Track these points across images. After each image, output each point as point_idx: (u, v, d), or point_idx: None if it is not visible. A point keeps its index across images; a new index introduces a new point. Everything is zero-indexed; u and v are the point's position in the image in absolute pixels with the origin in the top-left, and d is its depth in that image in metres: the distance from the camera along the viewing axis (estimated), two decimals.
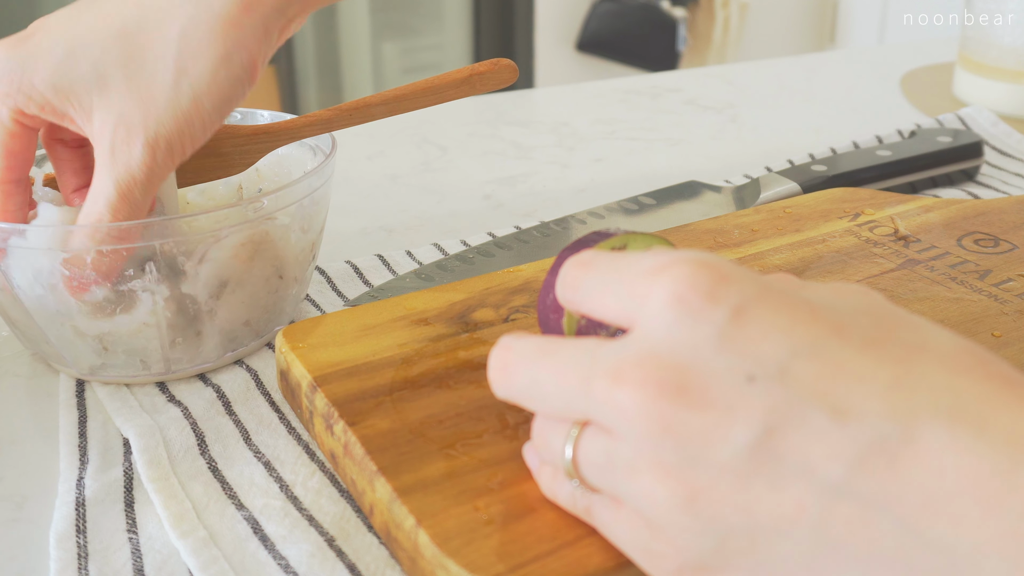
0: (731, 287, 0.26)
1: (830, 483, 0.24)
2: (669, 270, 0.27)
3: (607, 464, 0.28)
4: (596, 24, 2.80)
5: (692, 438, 0.25)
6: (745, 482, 0.25)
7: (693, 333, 0.26)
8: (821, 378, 0.25)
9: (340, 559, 0.35)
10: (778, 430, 0.25)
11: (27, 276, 0.42)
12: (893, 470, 0.24)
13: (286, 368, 0.42)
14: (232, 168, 0.49)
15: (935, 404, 0.24)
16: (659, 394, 0.25)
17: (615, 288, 0.28)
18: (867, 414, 0.24)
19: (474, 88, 0.48)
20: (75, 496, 0.39)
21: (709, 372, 0.25)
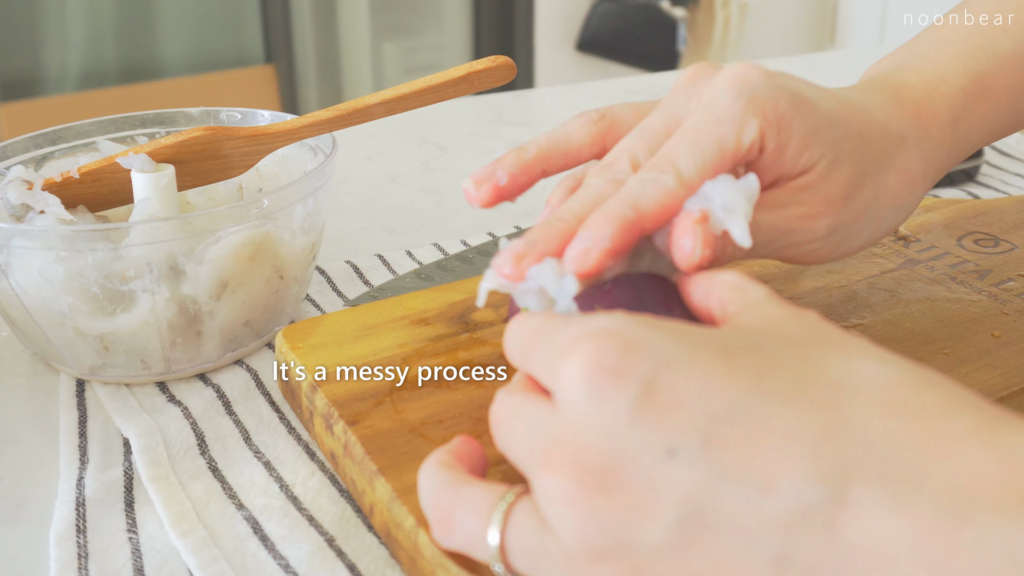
0: (637, 357, 0.25)
1: (770, 554, 0.23)
2: (576, 346, 0.26)
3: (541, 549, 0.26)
4: (596, 24, 2.80)
5: (617, 522, 0.24)
6: (685, 558, 0.24)
7: (604, 412, 0.25)
8: (744, 443, 0.24)
9: (340, 559, 0.35)
10: (707, 506, 0.24)
11: (28, 276, 0.43)
12: (832, 535, 0.23)
13: (286, 368, 0.42)
14: (232, 170, 0.49)
15: (867, 458, 0.23)
16: (581, 478, 0.25)
17: (546, 364, 0.28)
18: (795, 480, 0.23)
19: (472, 86, 0.48)
20: (75, 496, 0.39)
21: (626, 451, 0.24)
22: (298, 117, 0.48)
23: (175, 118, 0.56)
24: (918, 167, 0.38)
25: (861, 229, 0.37)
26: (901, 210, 0.38)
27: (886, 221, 0.38)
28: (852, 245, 0.38)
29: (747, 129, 0.33)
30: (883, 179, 0.37)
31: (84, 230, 0.42)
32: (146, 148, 0.46)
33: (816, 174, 0.35)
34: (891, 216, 0.38)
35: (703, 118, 0.33)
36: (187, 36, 2.49)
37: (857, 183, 0.36)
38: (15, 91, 2.32)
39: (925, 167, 0.38)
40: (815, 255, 0.37)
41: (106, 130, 0.54)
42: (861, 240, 0.38)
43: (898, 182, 0.37)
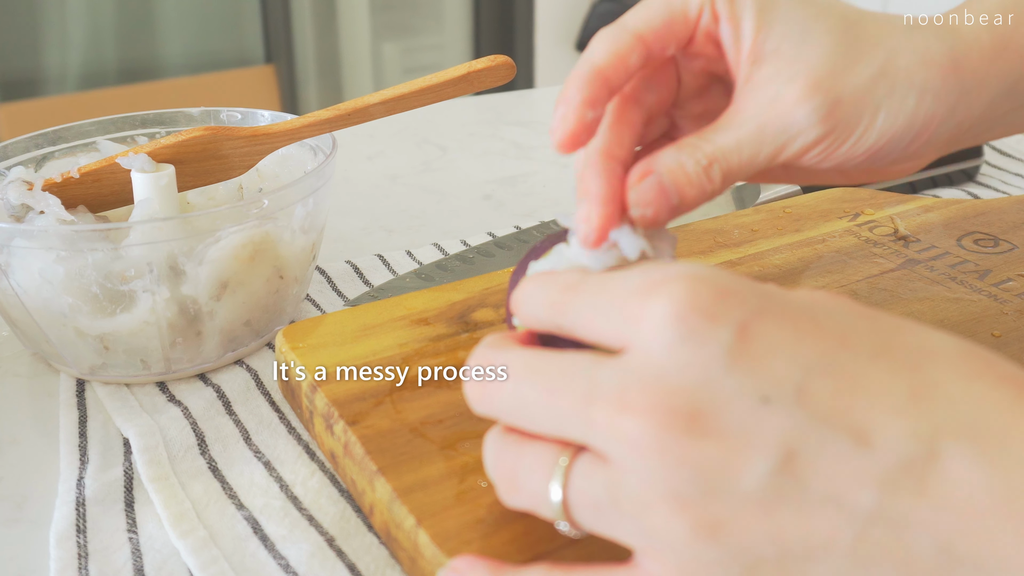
0: (731, 302, 0.25)
1: (861, 508, 0.23)
2: (663, 287, 0.25)
3: (609, 501, 0.25)
4: (596, 24, 2.80)
5: (708, 468, 0.24)
6: (770, 510, 0.24)
7: (698, 354, 0.24)
8: (838, 395, 0.24)
9: (340, 559, 0.35)
10: (799, 456, 0.24)
11: (29, 276, 0.43)
12: (923, 491, 0.23)
13: (286, 368, 0.42)
14: (232, 171, 0.49)
15: (956, 417, 0.24)
16: (670, 422, 0.24)
17: (606, 310, 0.26)
18: (890, 436, 0.24)
19: (472, 85, 0.48)
20: (75, 496, 0.39)
21: (720, 395, 0.24)
22: (298, 117, 0.48)
23: (175, 118, 0.56)
24: (939, 52, 0.34)
25: (872, 112, 0.32)
26: (926, 93, 0.33)
27: (907, 104, 0.33)
28: (867, 132, 0.33)
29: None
30: (890, 56, 0.33)
31: (84, 230, 0.42)
32: (146, 148, 0.46)
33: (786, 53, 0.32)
34: (913, 99, 0.33)
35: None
36: (187, 36, 2.49)
37: (847, 53, 0.32)
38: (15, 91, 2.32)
39: (952, 56, 0.34)
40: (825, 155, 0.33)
41: (106, 130, 0.54)
42: (877, 126, 0.33)
43: (911, 61, 0.33)
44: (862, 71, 0.32)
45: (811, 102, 0.32)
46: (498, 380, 0.28)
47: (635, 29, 0.33)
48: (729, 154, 0.32)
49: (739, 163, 0.32)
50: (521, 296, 0.30)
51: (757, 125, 0.32)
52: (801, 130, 0.32)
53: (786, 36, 0.32)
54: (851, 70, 0.32)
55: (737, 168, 0.32)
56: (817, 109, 0.32)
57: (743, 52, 0.33)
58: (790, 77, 0.32)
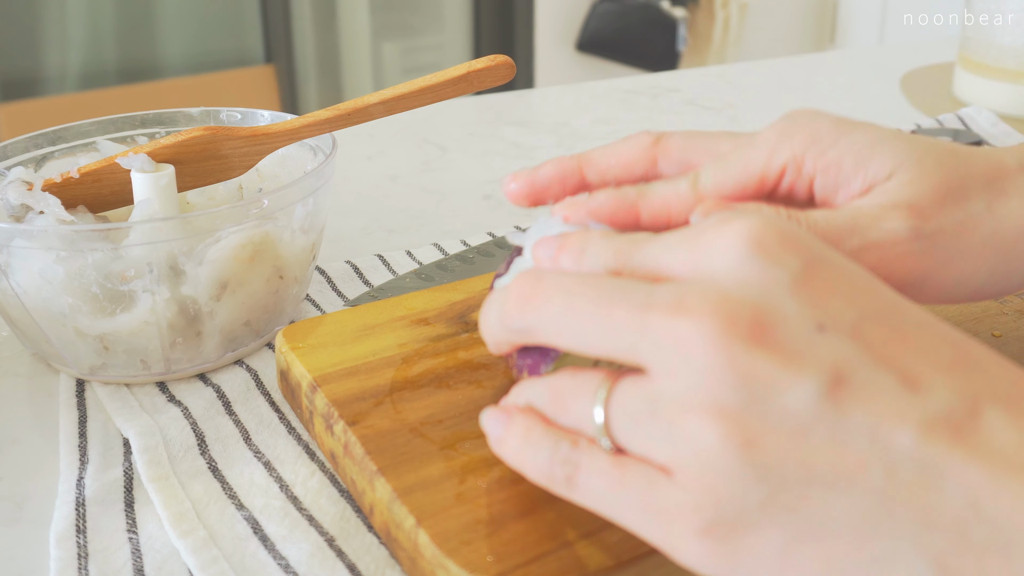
0: (802, 243, 0.26)
1: (897, 446, 0.24)
2: (739, 218, 0.26)
3: (647, 411, 0.26)
4: (596, 24, 2.80)
5: (757, 378, 0.24)
6: (806, 432, 0.24)
7: (766, 274, 0.25)
8: (889, 343, 0.25)
9: (340, 559, 0.35)
10: (846, 384, 0.24)
11: (29, 276, 0.43)
12: (959, 442, 0.24)
13: (286, 368, 0.42)
14: (232, 171, 0.49)
15: (995, 387, 0.25)
16: (728, 325, 0.24)
17: (677, 243, 0.27)
18: (935, 385, 0.24)
19: (472, 85, 0.48)
20: (75, 496, 0.39)
21: (780, 314, 0.25)
22: (298, 117, 0.48)
23: (175, 118, 0.56)
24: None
25: (980, 247, 0.32)
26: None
27: (1019, 248, 0.33)
28: (976, 268, 0.33)
29: (778, 153, 0.33)
30: (998, 197, 0.33)
31: (84, 230, 0.42)
32: (146, 148, 0.46)
33: (896, 182, 0.32)
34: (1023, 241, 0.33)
35: (744, 143, 0.34)
36: (187, 36, 2.49)
37: (954, 190, 0.32)
38: (15, 91, 2.32)
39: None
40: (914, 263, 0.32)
41: (106, 130, 0.54)
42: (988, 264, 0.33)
43: (1020, 202, 0.33)
44: (969, 207, 0.32)
45: (909, 221, 0.31)
46: (547, 291, 0.28)
47: (704, 193, 0.33)
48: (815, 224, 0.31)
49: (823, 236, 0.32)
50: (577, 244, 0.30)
51: (851, 214, 0.32)
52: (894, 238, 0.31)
53: (894, 174, 0.32)
54: (958, 205, 0.32)
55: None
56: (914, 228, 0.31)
57: (846, 195, 0.33)
58: (896, 203, 0.32)
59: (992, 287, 0.34)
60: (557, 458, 0.28)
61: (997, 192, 0.33)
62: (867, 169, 0.33)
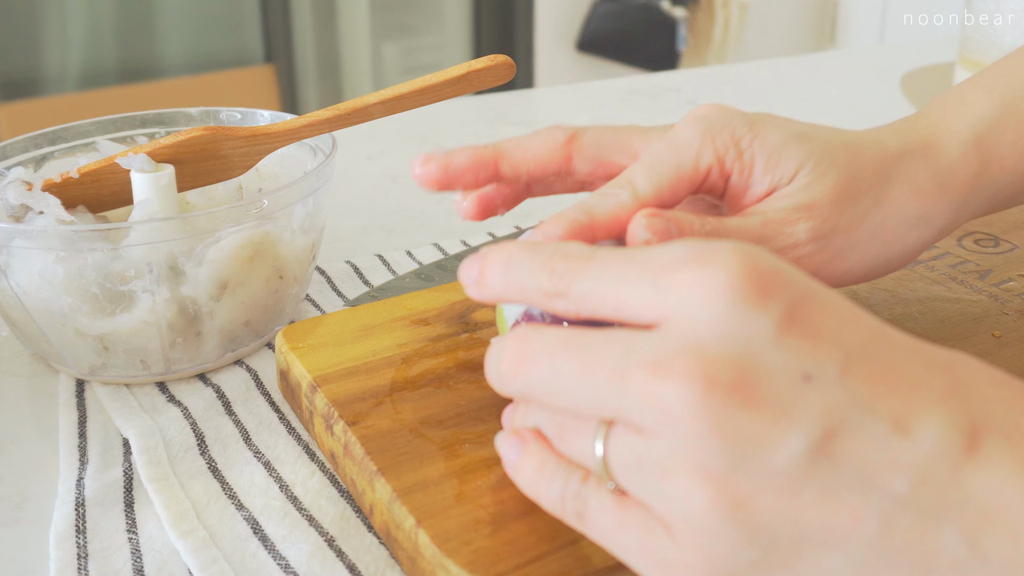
0: (783, 282, 0.25)
1: (891, 495, 0.23)
2: (716, 259, 0.25)
3: (636, 464, 0.25)
4: (596, 24, 2.80)
5: (743, 439, 0.23)
6: (797, 489, 0.23)
7: (747, 326, 0.24)
8: (878, 382, 0.24)
9: (340, 559, 0.35)
10: (836, 435, 0.23)
11: (28, 276, 0.42)
12: (955, 481, 0.23)
13: (286, 368, 0.42)
14: (232, 171, 0.49)
15: (990, 414, 0.24)
16: (709, 389, 0.23)
17: (636, 279, 0.26)
18: (928, 424, 0.23)
19: (472, 85, 0.48)
20: (75, 496, 0.39)
21: (763, 369, 0.23)
22: (298, 117, 0.48)
23: (175, 118, 0.56)
24: (927, 179, 0.37)
25: (867, 239, 0.36)
26: (918, 221, 0.37)
27: (899, 232, 0.37)
28: (861, 257, 0.36)
29: (704, 155, 0.35)
30: (884, 188, 0.36)
31: (84, 230, 0.41)
32: (146, 148, 0.46)
33: (796, 185, 0.35)
34: (905, 228, 0.37)
35: (664, 146, 0.36)
36: (187, 36, 2.49)
37: (848, 189, 0.35)
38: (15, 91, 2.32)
39: (939, 180, 0.37)
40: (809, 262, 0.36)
41: (106, 130, 0.54)
42: (872, 252, 0.37)
43: (904, 192, 0.36)
44: (860, 203, 0.36)
45: (810, 222, 0.35)
46: (534, 356, 0.27)
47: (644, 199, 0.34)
48: (729, 233, 0.34)
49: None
50: (502, 259, 0.29)
51: (760, 222, 0.35)
52: (797, 242, 0.35)
53: (796, 178, 0.35)
54: (851, 203, 0.36)
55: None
56: (814, 229, 0.35)
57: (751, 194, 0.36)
58: (795, 206, 0.35)
59: (875, 271, 0.37)
60: (568, 493, 0.28)
61: (883, 182, 0.36)
62: (773, 174, 0.35)
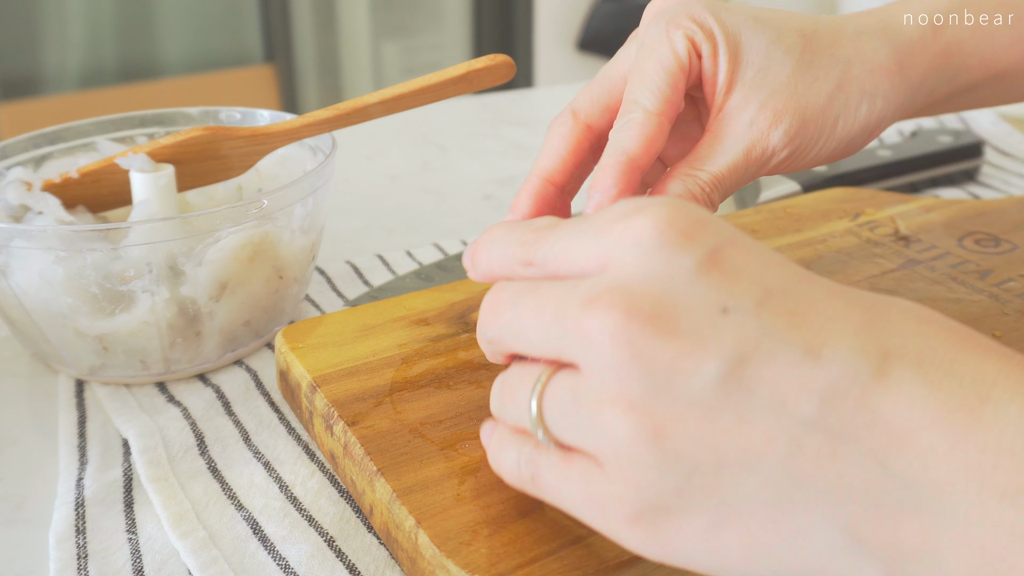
0: (708, 229, 0.26)
1: (801, 417, 0.24)
2: (647, 209, 0.27)
3: (572, 404, 0.27)
4: (597, 24, 2.80)
5: (660, 367, 0.25)
6: (713, 415, 0.24)
7: (669, 265, 0.25)
8: (794, 315, 0.25)
9: (340, 559, 0.35)
10: (750, 362, 0.24)
11: (28, 277, 0.42)
12: (863, 404, 0.24)
13: (286, 368, 0.42)
14: (232, 171, 0.49)
15: (904, 345, 0.25)
16: (628, 319, 0.25)
17: (584, 235, 0.28)
18: (838, 350, 0.24)
19: (471, 85, 0.48)
20: (75, 496, 0.39)
21: (683, 302, 0.25)
22: (297, 117, 0.48)
23: (175, 118, 0.56)
24: (887, 55, 0.38)
25: (832, 120, 0.37)
26: (877, 98, 0.38)
27: (861, 110, 0.38)
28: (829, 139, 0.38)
29: (676, 41, 0.37)
30: (843, 68, 0.37)
31: (83, 230, 0.41)
32: (145, 148, 0.46)
33: (753, 72, 0.36)
34: (867, 105, 0.38)
35: (640, 54, 0.37)
36: (187, 36, 2.49)
37: (805, 74, 0.37)
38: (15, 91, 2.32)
39: (898, 58, 0.39)
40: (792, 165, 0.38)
41: (105, 130, 0.54)
42: (838, 133, 0.38)
43: (863, 70, 0.38)
44: (821, 88, 0.37)
45: (782, 126, 0.36)
46: (503, 302, 0.29)
47: (655, 109, 0.36)
48: (724, 178, 0.36)
49: (731, 185, 0.37)
50: (487, 240, 0.31)
51: (743, 150, 0.36)
52: (776, 150, 0.37)
53: (751, 63, 0.37)
54: (811, 88, 0.37)
55: (730, 189, 0.37)
56: (787, 131, 0.36)
57: (719, 83, 0.37)
58: (760, 104, 0.36)
59: (840, 151, 0.39)
60: (522, 459, 0.29)
61: (843, 63, 0.37)
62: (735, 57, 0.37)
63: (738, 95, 0.37)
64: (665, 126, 0.36)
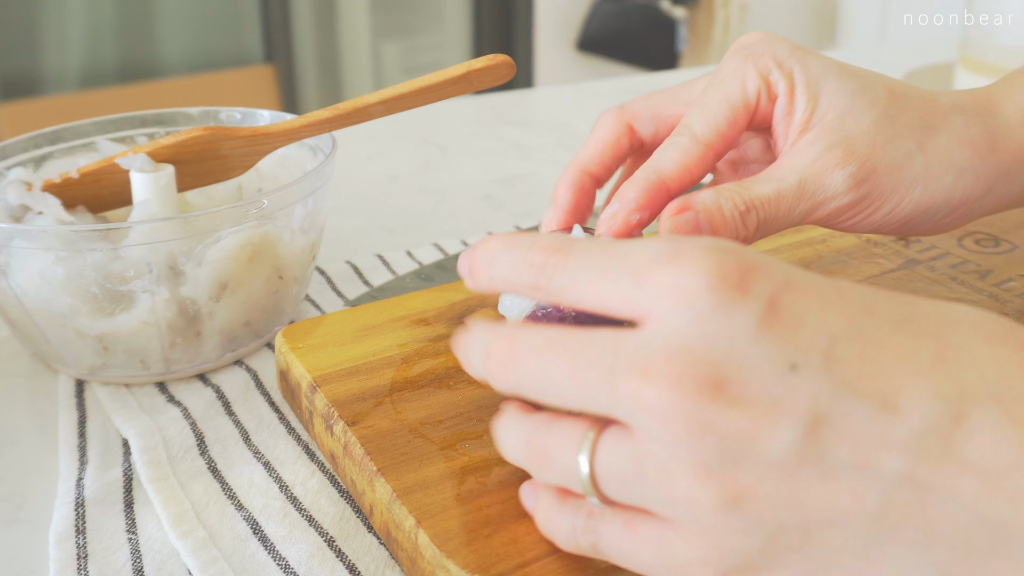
0: (760, 276, 0.25)
1: (886, 472, 0.24)
2: (690, 257, 0.25)
3: (634, 471, 0.25)
4: (596, 24, 2.80)
5: (735, 436, 0.24)
6: (795, 476, 0.24)
7: (728, 325, 0.24)
8: (864, 360, 0.24)
9: (340, 559, 0.35)
10: (826, 422, 0.24)
11: (28, 277, 0.42)
12: (949, 453, 0.23)
13: (286, 368, 0.42)
14: (232, 171, 0.49)
15: (980, 379, 0.24)
16: (696, 391, 0.24)
17: (616, 276, 0.26)
18: (916, 399, 0.24)
19: (471, 85, 0.48)
20: (75, 496, 0.39)
21: (748, 365, 0.24)
22: (297, 117, 0.48)
23: (175, 118, 0.56)
24: (979, 134, 0.36)
25: (908, 183, 0.35)
26: (965, 172, 0.36)
27: (944, 181, 0.35)
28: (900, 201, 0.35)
29: (749, 78, 0.36)
30: (929, 134, 0.35)
31: (83, 230, 0.41)
32: (145, 148, 0.46)
33: (832, 116, 0.35)
34: (951, 177, 0.35)
35: (711, 83, 0.37)
36: (187, 36, 2.49)
37: (887, 129, 0.35)
38: (15, 91, 2.32)
39: (992, 138, 0.36)
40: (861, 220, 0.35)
41: (106, 130, 0.54)
42: (912, 197, 0.35)
43: (952, 142, 0.35)
44: (902, 145, 0.35)
45: (847, 168, 0.34)
46: (523, 356, 0.27)
47: (704, 139, 0.35)
48: (767, 204, 0.34)
49: (775, 214, 0.34)
50: (482, 255, 0.29)
51: (797, 181, 0.34)
52: (836, 193, 0.35)
53: (832, 107, 0.35)
54: (891, 143, 0.35)
55: (773, 218, 0.34)
56: (853, 175, 0.34)
57: (793, 123, 0.36)
58: (831, 144, 0.35)
59: (916, 221, 0.36)
60: (578, 528, 0.29)
61: (929, 130, 0.35)
62: (814, 101, 0.35)
63: (812, 134, 0.35)
64: (710, 157, 0.35)
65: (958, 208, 0.36)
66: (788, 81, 0.35)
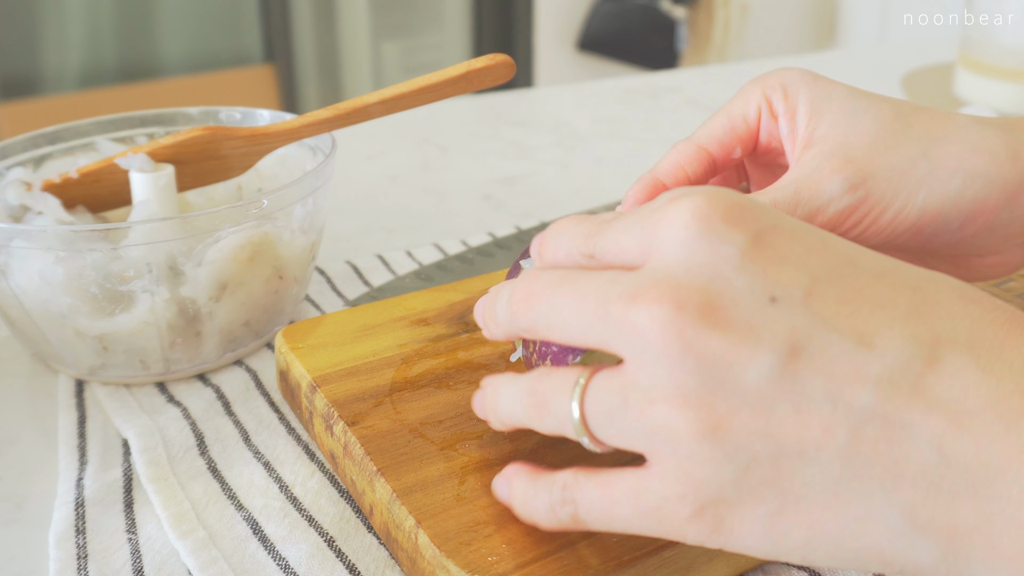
0: (749, 214, 0.26)
1: (857, 407, 0.24)
2: (686, 197, 0.27)
3: (620, 405, 0.26)
4: (597, 24, 2.80)
5: (713, 359, 0.25)
6: (769, 406, 0.25)
7: (713, 253, 0.25)
8: (843, 302, 0.25)
9: (340, 559, 0.35)
10: (802, 353, 0.25)
11: (28, 277, 0.42)
12: (918, 392, 0.24)
13: (286, 368, 0.42)
14: (231, 171, 0.49)
15: (954, 328, 0.25)
16: (677, 311, 0.25)
17: (631, 226, 0.28)
18: (890, 339, 0.25)
19: (471, 84, 0.48)
20: (75, 496, 0.39)
21: (730, 292, 0.25)
22: (297, 117, 0.48)
23: (175, 118, 0.56)
24: (998, 144, 0.35)
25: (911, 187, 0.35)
26: (975, 178, 0.35)
27: (951, 186, 0.35)
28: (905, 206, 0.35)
29: (751, 99, 0.38)
30: (936, 144, 0.35)
31: (83, 231, 0.41)
32: (145, 148, 0.46)
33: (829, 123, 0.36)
34: (960, 181, 0.35)
35: (723, 105, 0.39)
36: (187, 36, 2.49)
37: (887, 137, 0.35)
38: (15, 91, 2.32)
39: (1013, 149, 0.35)
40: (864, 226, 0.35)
41: (105, 130, 0.54)
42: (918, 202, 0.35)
43: (963, 150, 0.35)
44: (904, 153, 0.35)
45: (843, 173, 0.35)
46: (540, 292, 0.29)
47: (698, 140, 0.39)
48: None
49: None
50: (554, 231, 0.31)
51: (794, 189, 0.35)
52: (832, 197, 0.35)
53: (835, 124, 0.36)
54: (893, 151, 0.35)
55: None
56: (848, 179, 0.35)
57: (797, 140, 0.37)
58: (830, 153, 0.36)
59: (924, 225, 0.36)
60: (555, 502, 0.29)
61: (937, 140, 0.35)
62: (817, 118, 0.36)
63: (814, 148, 0.36)
64: (703, 156, 0.38)
65: (976, 216, 0.36)
66: (791, 101, 0.37)
